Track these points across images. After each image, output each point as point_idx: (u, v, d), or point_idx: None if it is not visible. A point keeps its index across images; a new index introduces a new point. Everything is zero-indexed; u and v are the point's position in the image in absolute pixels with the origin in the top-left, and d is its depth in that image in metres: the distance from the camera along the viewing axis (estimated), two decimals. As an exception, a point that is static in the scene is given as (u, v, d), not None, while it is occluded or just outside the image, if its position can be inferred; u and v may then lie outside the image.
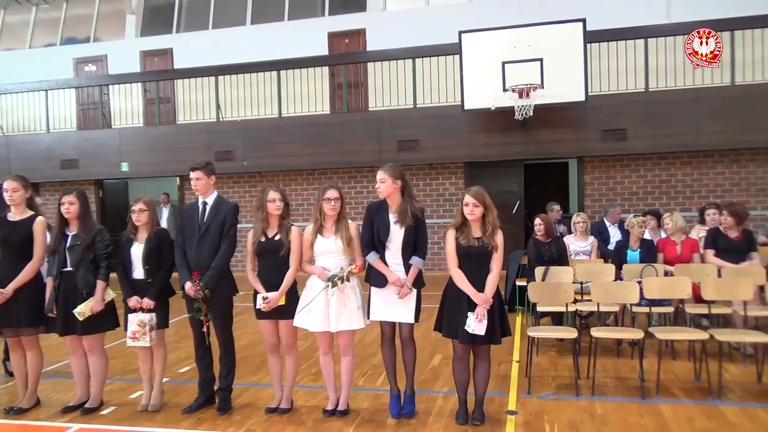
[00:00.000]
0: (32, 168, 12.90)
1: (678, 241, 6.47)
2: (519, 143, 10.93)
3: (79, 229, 4.45)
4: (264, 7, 14.58)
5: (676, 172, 11.01)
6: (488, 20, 10.90)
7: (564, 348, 5.97)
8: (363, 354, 5.91)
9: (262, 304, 4.20)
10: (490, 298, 3.92)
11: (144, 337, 4.40)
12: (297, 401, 4.60)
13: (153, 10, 15.57)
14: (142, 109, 13.87)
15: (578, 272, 6.10)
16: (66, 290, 4.41)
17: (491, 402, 4.50)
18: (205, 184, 4.45)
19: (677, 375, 5.11)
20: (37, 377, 4.69)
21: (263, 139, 12.09)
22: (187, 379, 5.24)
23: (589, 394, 4.67)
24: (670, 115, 10.32)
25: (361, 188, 12.28)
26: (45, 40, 16.01)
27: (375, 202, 4.31)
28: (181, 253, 4.42)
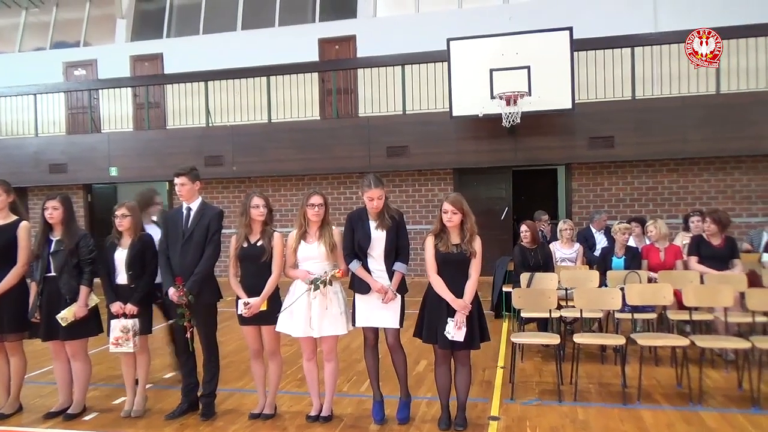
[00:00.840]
0: (20, 172, 12.87)
1: (662, 248, 6.55)
2: (507, 150, 11.00)
3: (63, 234, 4.44)
4: (255, 13, 14.60)
5: (663, 179, 11.11)
6: (477, 28, 11.01)
7: (549, 354, 6.01)
8: (348, 360, 5.93)
9: (244, 310, 4.21)
10: (468, 304, 3.95)
11: (127, 343, 4.39)
12: (281, 407, 4.60)
13: (143, 15, 15.56)
14: (132, 113, 13.85)
15: (563, 278, 6.14)
16: (49, 295, 4.40)
17: (474, 408, 4.53)
18: (189, 190, 4.46)
19: (659, 381, 5.16)
20: (20, 383, 4.67)
21: (253, 144, 12.10)
22: (170, 385, 5.23)
23: (572, 399, 4.71)
24: (656, 123, 10.43)
25: (351, 194, 12.30)
26: (35, 43, 15.95)
27: (355, 211, 4.32)
28: (165, 258, 4.42)
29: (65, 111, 14.15)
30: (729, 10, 10.84)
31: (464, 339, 3.93)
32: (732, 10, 10.79)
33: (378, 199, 4.12)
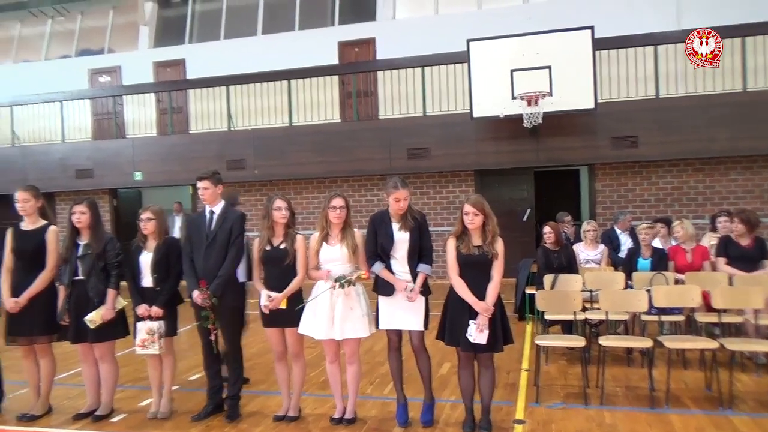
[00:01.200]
0: (47, 178, 13.12)
1: (688, 249, 6.43)
2: (529, 151, 10.92)
3: (90, 238, 4.52)
4: (275, 17, 14.72)
5: (688, 179, 10.93)
6: (497, 28, 10.94)
7: (574, 357, 5.93)
8: (372, 362, 5.92)
9: (266, 302, 4.21)
10: (491, 306, 3.91)
11: (153, 345, 4.44)
12: (305, 409, 4.61)
13: (166, 22, 15.77)
14: (155, 118, 14.04)
15: (587, 280, 6.06)
16: (77, 298, 4.47)
17: (499, 411, 4.49)
18: (212, 194, 4.50)
19: (688, 384, 5.06)
20: (49, 384, 4.76)
21: (274, 147, 12.18)
22: (196, 387, 5.27)
23: (598, 403, 4.64)
24: (681, 122, 10.27)
25: (372, 196, 12.31)
26: (60, 51, 16.26)
27: (377, 213, 4.33)
28: (189, 261, 4.47)
29: (91, 117, 14.41)
30: (753, 6, 10.63)
31: (487, 341, 3.90)
32: (756, 6, 10.58)
33: (404, 200, 4.13)
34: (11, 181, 12.87)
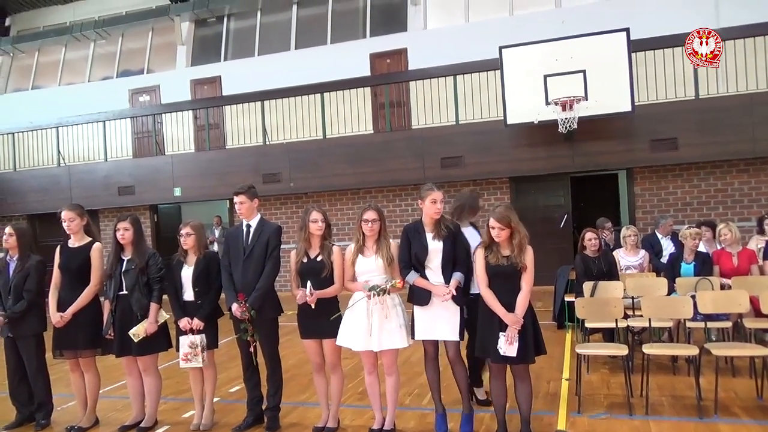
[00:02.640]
0: (91, 195, 13.55)
1: (734, 252, 6.22)
2: (564, 156, 10.77)
3: (134, 253, 4.64)
4: (307, 32, 14.94)
5: (732, 181, 10.60)
6: (529, 34, 10.87)
7: (616, 365, 5.80)
8: (410, 373, 5.90)
9: (308, 293, 4.19)
10: (520, 318, 3.84)
11: (196, 358, 4.52)
12: (343, 420, 4.62)
13: (202, 40, 16.18)
14: (193, 135, 14.36)
15: (629, 287, 5.93)
16: (122, 313, 4.59)
17: (540, 421, 4.42)
18: (248, 208, 4.58)
19: (737, 393, 4.88)
20: (95, 397, 4.88)
21: (308, 160, 12.31)
22: (236, 399, 5.34)
23: (643, 413, 4.52)
24: (722, 122, 9.99)
25: (406, 206, 12.32)
26: (102, 73, 16.83)
27: (411, 224, 4.33)
28: (228, 275, 4.54)
29: (131, 135, 14.84)
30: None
31: (517, 353, 3.83)
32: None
33: (441, 202, 4.16)
34: (58, 199, 13.35)
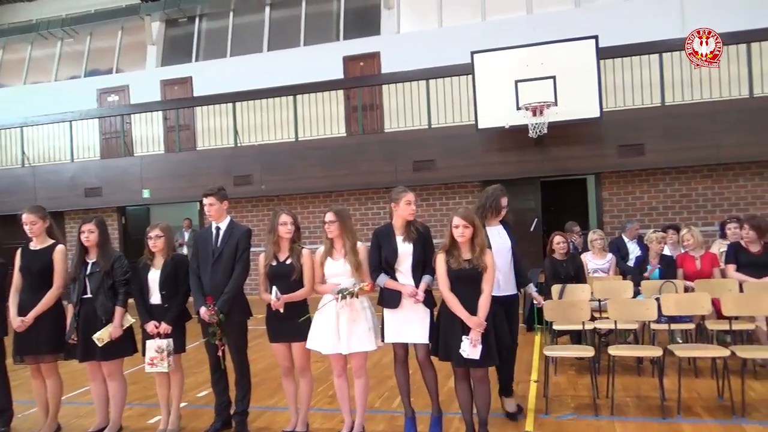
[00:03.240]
0: (57, 197, 13.26)
1: (697, 256, 6.38)
2: (535, 161, 10.91)
3: (99, 256, 4.54)
4: (280, 33, 14.86)
5: (697, 186, 10.87)
6: (501, 40, 10.99)
7: (583, 367, 5.88)
8: (380, 376, 5.90)
9: (275, 298, 4.19)
10: (483, 321, 3.87)
11: (162, 362, 4.44)
12: (312, 424, 4.60)
13: (173, 41, 15.97)
14: (163, 136, 14.16)
15: (596, 289, 6.03)
16: (86, 317, 4.49)
17: (508, 423, 4.46)
18: (218, 210, 4.53)
19: (699, 393, 5.00)
20: (57, 404, 4.76)
21: (281, 162, 12.25)
22: (204, 404, 5.27)
23: (609, 413, 4.60)
24: (688, 129, 10.23)
25: (378, 209, 12.33)
26: (69, 72, 16.48)
27: (381, 227, 4.33)
28: (196, 278, 4.49)
29: (99, 136, 14.55)
30: (758, 12, 10.62)
31: (480, 356, 3.86)
32: (761, 12, 10.57)
33: (415, 203, 4.18)
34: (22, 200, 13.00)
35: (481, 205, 4.66)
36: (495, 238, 4.43)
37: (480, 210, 4.58)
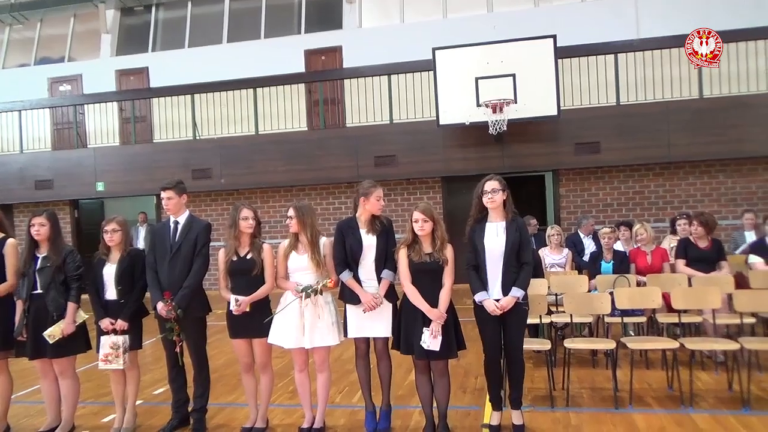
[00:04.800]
0: (5, 189, 12.79)
1: (648, 251, 6.58)
2: (495, 157, 11.04)
3: (50, 250, 4.40)
4: (240, 25, 14.62)
5: (649, 184, 11.21)
6: (462, 37, 11.07)
7: (540, 359, 6.00)
8: (341, 371, 5.90)
9: (234, 306, 4.17)
10: (444, 313, 3.94)
11: (117, 359, 4.34)
12: (273, 420, 4.57)
13: (128, 30, 15.52)
14: (118, 128, 13.75)
15: (553, 284, 6.15)
16: (36, 313, 4.35)
17: (467, 416, 4.54)
18: (176, 203, 4.44)
19: (651, 384, 5.18)
20: (7, 402, 4.60)
21: (240, 156, 12.07)
22: (161, 401, 5.17)
23: (564, 405, 4.72)
24: (641, 128, 10.53)
25: (339, 204, 12.29)
26: (19, 60, 15.85)
27: (344, 220, 4.33)
28: (153, 272, 4.39)
29: (50, 127, 14.04)
30: (710, 16, 10.97)
31: (441, 348, 3.91)
32: (713, 15, 10.93)
33: (383, 199, 4.19)
34: (-33, 192, 12.50)
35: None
36: (491, 237, 4.07)
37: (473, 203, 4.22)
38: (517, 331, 4.12)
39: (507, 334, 4.10)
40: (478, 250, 4.08)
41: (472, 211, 4.18)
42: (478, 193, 4.12)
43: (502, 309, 3.96)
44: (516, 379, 4.19)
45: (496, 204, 4.06)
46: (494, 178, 4.11)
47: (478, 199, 4.11)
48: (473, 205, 4.17)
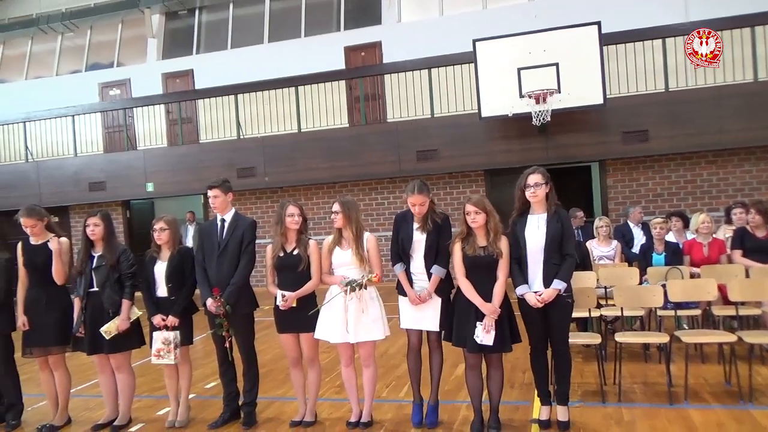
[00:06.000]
0: (62, 191, 13.30)
1: (705, 242, 6.34)
2: (538, 148, 10.87)
3: (104, 249, 4.56)
4: (281, 25, 14.79)
5: (701, 172, 10.82)
6: (503, 27, 10.93)
7: (589, 354, 5.89)
8: (387, 365, 5.91)
9: (281, 301, 4.24)
10: (497, 308, 3.90)
11: (168, 354, 4.46)
12: (321, 414, 4.62)
13: (173, 33, 15.91)
14: (166, 129, 14.14)
15: (601, 277, 6.01)
16: (93, 310, 4.51)
17: (516, 411, 4.49)
18: (222, 202, 4.53)
19: (706, 379, 5.00)
20: (66, 396, 4.80)
21: (283, 154, 12.23)
22: (212, 395, 5.29)
23: (616, 400, 4.61)
24: (692, 115, 10.18)
25: (382, 199, 12.33)
26: (71, 67, 16.45)
27: (401, 213, 4.36)
28: (202, 270, 4.50)
29: (102, 130, 14.55)
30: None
31: (494, 342, 3.89)
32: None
33: (420, 206, 4.15)
34: (26, 195, 13.05)
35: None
36: (531, 230, 4.00)
37: (516, 196, 4.14)
38: (561, 324, 4.06)
39: (551, 328, 4.05)
40: (519, 243, 4.03)
41: (516, 204, 4.12)
42: (520, 186, 4.07)
43: (544, 302, 3.90)
44: (562, 373, 4.13)
45: (538, 198, 4.00)
46: (537, 171, 4.04)
47: (521, 192, 4.06)
48: (516, 198, 4.11)
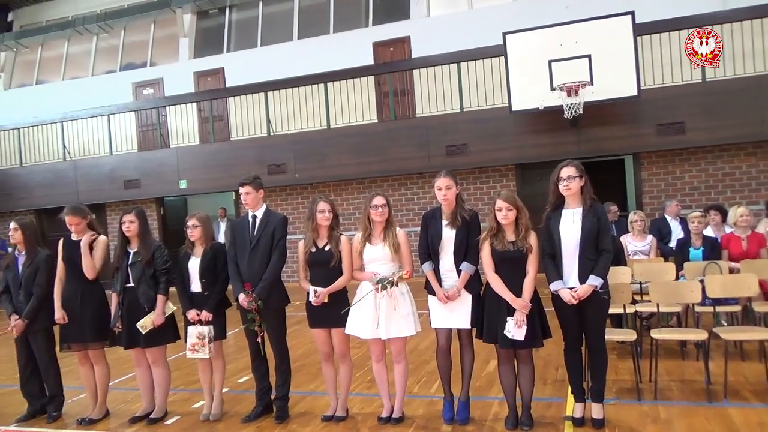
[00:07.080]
0: (98, 189, 13.63)
1: (744, 236, 6.17)
2: (570, 142, 10.70)
3: (140, 246, 4.65)
4: (310, 22, 14.86)
5: (740, 164, 10.51)
6: (533, 19, 10.76)
7: (624, 351, 5.79)
8: (418, 361, 5.90)
9: (314, 297, 4.27)
10: (528, 302, 3.87)
11: (203, 349, 4.54)
12: (352, 409, 4.64)
13: (204, 32, 16.12)
14: (198, 127, 14.36)
15: (636, 272, 5.90)
16: (129, 305, 4.61)
17: (549, 407, 4.43)
18: (254, 198, 4.58)
19: (747, 377, 4.87)
20: (105, 389, 4.92)
21: (313, 150, 12.30)
22: (245, 389, 5.37)
23: (652, 398, 4.52)
24: (730, 105, 9.88)
25: (411, 195, 12.31)
26: (105, 67, 16.81)
27: (430, 210, 4.34)
28: (234, 265, 4.55)
29: (136, 129, 14.85)
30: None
31: (525, 337, 3.86)
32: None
33: (446, 189, 4.11)
34: (65, 193, 13.42)
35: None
36: (566, 224, 3.94)
37: (550, 190, 4.08)
38: (596, 320, 3.99)
39: (586, 324, 3.99)
40: (554, 238, 3.97)
41: (550, 198, 4.06)
42: (554, 180, 4.00)
43: (579, 298, 3.84)
44: (597, 370, 4.06)
45: (572, 191, 3.93)
46: (571, 164, 3.97)
47: (555, 186, 3.99)
48: (550, 192, 4.04)
